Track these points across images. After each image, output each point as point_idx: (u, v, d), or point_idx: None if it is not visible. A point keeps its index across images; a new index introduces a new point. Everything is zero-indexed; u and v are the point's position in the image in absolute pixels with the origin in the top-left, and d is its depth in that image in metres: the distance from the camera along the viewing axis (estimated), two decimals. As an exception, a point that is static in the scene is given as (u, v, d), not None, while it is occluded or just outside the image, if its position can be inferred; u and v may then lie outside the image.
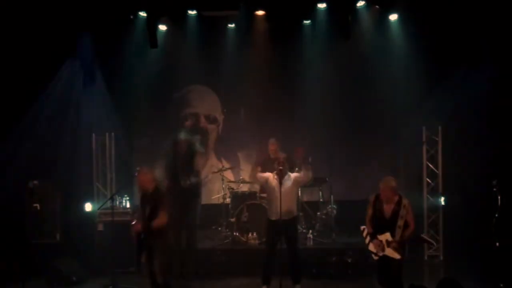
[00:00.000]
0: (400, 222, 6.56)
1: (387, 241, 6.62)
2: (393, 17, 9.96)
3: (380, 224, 6.69)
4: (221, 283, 8.43)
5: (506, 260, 7.50)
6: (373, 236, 6.74)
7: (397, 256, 6.58)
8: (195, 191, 8.75)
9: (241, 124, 11.10)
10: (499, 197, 7.37)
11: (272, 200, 7.59)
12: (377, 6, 9.86)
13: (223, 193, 10.01)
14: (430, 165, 9.72)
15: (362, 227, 6.93)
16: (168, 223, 6.92)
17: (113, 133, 10.40)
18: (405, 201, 6.62)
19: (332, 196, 9.54)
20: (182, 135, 8.96)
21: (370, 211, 6.83)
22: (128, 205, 9.38)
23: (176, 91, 11.34)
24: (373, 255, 6.80)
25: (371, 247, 6.79)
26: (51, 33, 9.47)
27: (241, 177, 10.36)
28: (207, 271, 8.72)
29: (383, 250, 6.66)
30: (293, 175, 7.74)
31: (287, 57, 10.65)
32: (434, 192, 9.66)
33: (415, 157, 9.88)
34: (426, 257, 9.55)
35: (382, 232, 6.66)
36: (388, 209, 6.66)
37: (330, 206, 9.56)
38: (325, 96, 10.55)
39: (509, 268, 7.54)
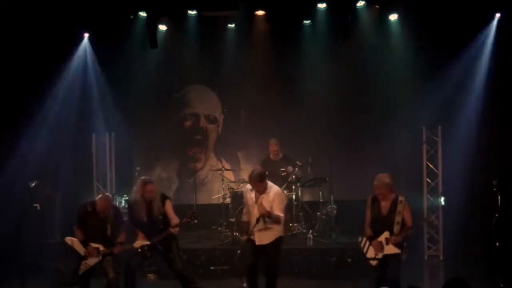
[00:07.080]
0: (398, 218, 6.54)
1: (386, 239, 6.60)
2: (393, 17, 9.96)
3: (379, 223, 6.66)
4: (221, 283, 8.42)
5: (506, 260, 7.51)
6: (372, 239, 6.72)
7: (397, 250, 6.56)
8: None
9: (241, 124, 11.09)
10: (499, 197, 7.37)
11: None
12: (377, 6, 9.87)
13: (223, 193, 10.01)
14: (430, 165, 9.72)
15: (360, 238, 6.87)
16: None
17: (113, 133, 10.42)
18: (401, 198, 6.60)
19: (332, 196, 9.53)
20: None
21: (368, 214, 6.77)
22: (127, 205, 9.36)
23: (176, 91, 11.35)
24: (371, 261, 6.74)
25: (370, 252, 6.71)
26: (51, 34, 9.47)
27: (241, 177, 10.36)
28: (207, 271, 8.70)
29: (382, 250, 6.63)
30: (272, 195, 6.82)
31: (287, 57, 10.64)
32: (434, 192, 9.67)
33: (415, 157, 9.89)
34: (426, 257, 9.56)
35: (381, 233, 6.65)
36: (385, 206, 6.64)
37: (330, 206, 9.55)
38: (325, 95, 10.54)
39: (509, 268, 7.54)
